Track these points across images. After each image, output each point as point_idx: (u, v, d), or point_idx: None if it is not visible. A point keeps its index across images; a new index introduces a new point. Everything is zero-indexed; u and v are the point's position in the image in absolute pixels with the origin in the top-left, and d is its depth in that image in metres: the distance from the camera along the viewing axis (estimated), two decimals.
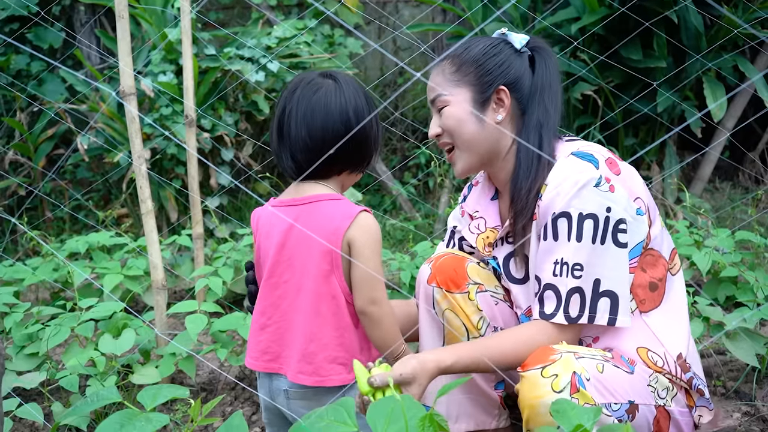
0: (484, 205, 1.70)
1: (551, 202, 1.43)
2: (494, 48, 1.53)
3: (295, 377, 1.38)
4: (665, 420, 1.45)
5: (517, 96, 1.53)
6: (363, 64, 5.30)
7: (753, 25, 3.81)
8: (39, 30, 4.80)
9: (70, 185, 4.71)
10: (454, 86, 1.52)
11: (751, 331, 2.09)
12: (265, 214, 1.44)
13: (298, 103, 1.38)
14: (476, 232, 1.68)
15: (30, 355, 2.15)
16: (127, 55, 2.12)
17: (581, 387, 1.31)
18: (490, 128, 1.52)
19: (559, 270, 1.41)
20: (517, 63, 1.53)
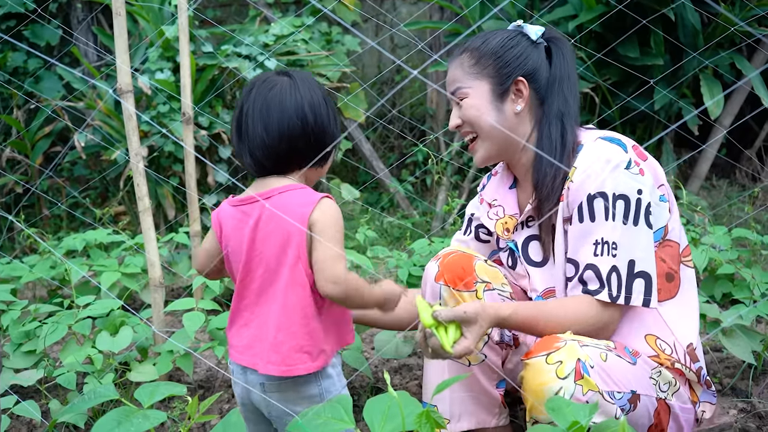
0: (503, 194, 1.73)
1: (582, 183, 1.45)
2: (512, 40, 1.56)
3: (265, 368, 1.37)
4: (665, 413, 1.46)
5: (535, 86, 1.56)
6: (360, 61, 5.30)
7: (750, 23, 3.82)
8: (36, 27, 4.79)
9: (68, 183, 4.71)
10: (474, 79, 1.56)
11: (748, 328, 2.10)
12: (227, 213, 1.45)
13: (254, 102, 1.40)
14: (495, 218, 1.72)
15: (27, 353, 2.15)
16: (124, 52, 2.12)
17: (585, 374, 1.32)
18: (510, 119, 1.56)
19: (600, 250, 1.43)
20: (534, 54, 1.56)
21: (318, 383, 1.41)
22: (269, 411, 1.44)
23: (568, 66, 1.58)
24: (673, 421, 1.48)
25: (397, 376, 2.34)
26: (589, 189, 1.44)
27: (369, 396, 2.18)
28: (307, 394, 1.42)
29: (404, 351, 2.19)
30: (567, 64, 1.58)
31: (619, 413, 1.36)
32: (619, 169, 1.43)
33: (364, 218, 3.56)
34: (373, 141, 5.20)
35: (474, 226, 1.85)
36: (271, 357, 1.37)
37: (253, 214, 1.39)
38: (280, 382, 1.40)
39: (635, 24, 3.31)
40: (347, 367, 2.34)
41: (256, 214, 1.39)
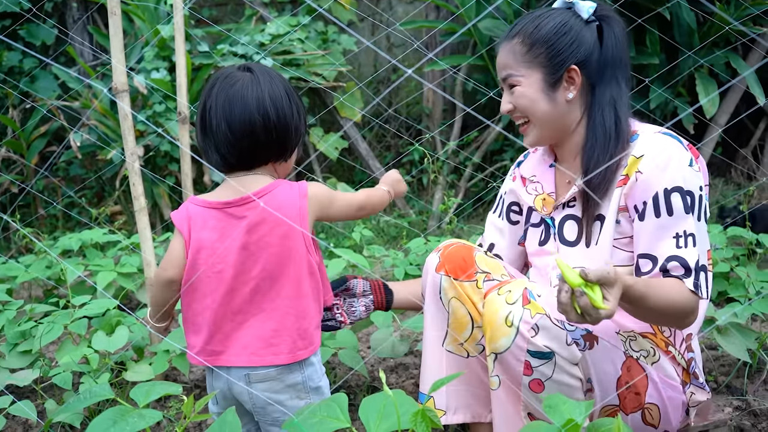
0: (542, 171, 1.71)
1: (654, 176, 1.43)
2: (564, 26, 1.52)
3: (293, 357, 1.41)
4: (638, 371, 1.47)
5: (587, 72, 1.53)
6: (356, 60, 5.30)
7: (745, 22, 3.83)
8: (31, 27, 4.78)
9: (63, 182, 4.70)
10: (526, 67, 1.53)
11: (743, 326, 2.11)
12: (199, 215, 1.43)
13: (217, 98, 1.41)
14: (533, 193, 1.71)
15: (23, 353, 2.14)
16: (119, 51, 2.12)
17: (532, 299, 1.39)
18: (561, 106, 1.54)
19: (684, 242, 1.42)
20: (587, 37, 1.52)
21: (302, 371, 1.44)
22: (253, 402, 1.44)
23: (621, 48, 1.53)
24: (654, 390, 1.49)
25: (393, 375, 2.34)
26: (665, 183, 1.43)
27: (365, 395, 2.18)
28: (292, 382, 1.44)
29: (400, 350, 2.19)
30: (619, 45, 1.53)
31: (574, 346, 1.39)
32: (686, 166, 1.43)
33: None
34: (369, 140, 5.20)
35: (506, 206, 1.83)
36: (299, 344, 1.42)
37: (242, 216, 1.39)
38: (266, 372, 1.42)
39: (631, 23, 3.32)
40: (343, 367, 2.34)
41: (248, 215, 1.39)
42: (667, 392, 1.51)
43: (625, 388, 1.47)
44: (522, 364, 1.39)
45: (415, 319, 2.14)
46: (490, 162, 4.75)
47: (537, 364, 1.38)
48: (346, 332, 2.17)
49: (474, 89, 4.62)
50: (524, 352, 1.38)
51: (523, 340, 1.37)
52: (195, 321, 1.45)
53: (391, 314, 2.18)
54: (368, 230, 3.21)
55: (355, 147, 4.76)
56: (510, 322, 1.39)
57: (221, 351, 1.44)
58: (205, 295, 1.43)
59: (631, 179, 1.47)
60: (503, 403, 1.48)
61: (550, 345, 1.37)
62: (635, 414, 1.50)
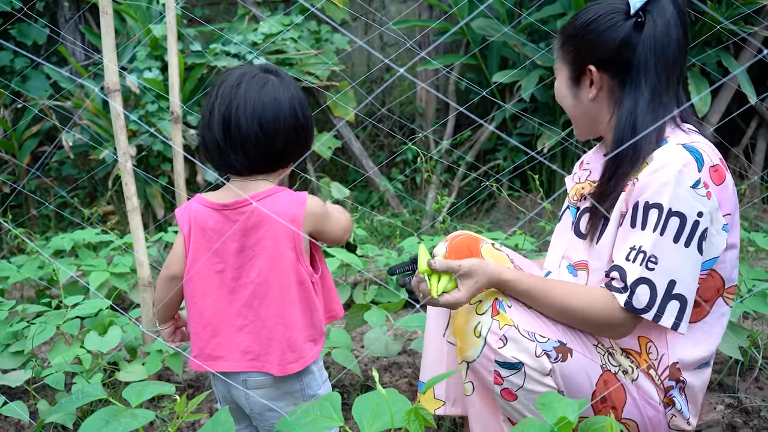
0: (596, 159, 1.67)
1: (644, 186, 1.38)
2: (591, 23, 1.46)
3: (283, 370, 1.40)
4: (615, 387, 1.44)
5: (612, 73, 1.47)
6: (350, 60, 5.30)
7: (736, 21, 3.84)
8: (23, 26, 4.76)
9: (56, 182, 4.69)
10: (559, 61, 1.55)
11: (735, 324, 2.11)
12: (201, 214, 1.43)
13: (246, 98, 1.38)
14: (575, 181, 1.69)
15: (15, 353, 2.14)
16: (111, 51, 2.11)
17: (501, 310, 1.39)
18: (586, 104, 1.53)
19: (634, 256, 1.37)
20: (615, 36, 1.44)
21: (299, 379, 1.44)
22: (251, 408, 1.44)
23: (663, 45, 1.42)
24: (633, 408, 1.46)
25: (386, 374, 2.35)
26: (648, 196, 1.37)
27: (359, 394, 2.18)
28: (289, 389, 1.43)
29: (394, 349, 2.19)
30: (660, 42, 1.42)
31: (544, 357, 1.37)
32: (684, 185, 1.35)
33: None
34: (362, 140, 5.20)
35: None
36: (289, 356, 1.40)
37: (237, 219, 1.39)
38: (263, 379, 1.41)
39: None
40: (336, 366, 2.34)
41: (244, 218, 1.38)
42: (647, 411, 1.47)
43: (598, 399, 1.44)
44: (492, 374, 1.39)
45: (409, 318, 2.14)
46: (483, 161, 4.76)
47: (506, 374, 1.38)
48: (340, 331, 2.17)
49: (467, 88, 4.63)
50: (492, 362, 1.38)
51: (491, 351, 1.37)
52: (197, 322, 1.44)
53: (384, 313, 2.18)
54: (362, 229, 3.21)
55: (348, 146, 4.76)
56: (478, 332, 1.39)
57: (219, 356, 1.43)
58: (207, 294, 1.42)
59: (629, 186, 1.43)
60: (478, 409, 1.49)
61: (519, 356, 1.36)
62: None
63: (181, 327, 1.60)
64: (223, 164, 1.42)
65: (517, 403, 1.39)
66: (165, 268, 1.48)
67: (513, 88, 4.53)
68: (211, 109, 1.40)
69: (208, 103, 1.41)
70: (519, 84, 4.12)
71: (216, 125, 1.39)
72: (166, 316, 1.55)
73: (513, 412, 1.42)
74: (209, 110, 1.40)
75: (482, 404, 1.48)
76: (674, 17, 1.43)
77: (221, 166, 1.43)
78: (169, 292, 1.48)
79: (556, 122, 4.29)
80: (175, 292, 1.48)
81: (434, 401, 1.65)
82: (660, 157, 1.39)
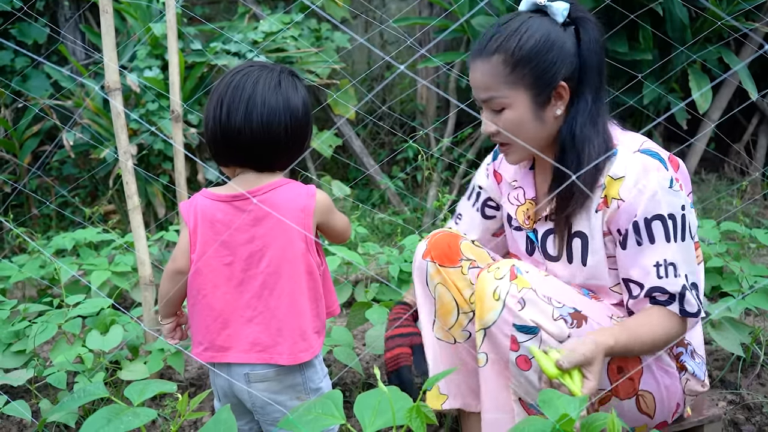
0: (522, 175, 1.67)
1: (634, 204, 1.41)
2: (547, 40, 1.43)
3: (294, 358, 1.41)
4: (633, 360, 1.47)
5: (572, 84, 1.46)
6: (350, 58, 5.30)
7: (737, 17, 3.84)
8: (23, 26, 4.76)
9: (57, 182, 4.69)
10: (510, 89, 1.44)
11: (736, 320, 2.11)
12: (207, 207, 1.43)
13: (264, 95, 1.38)
14: (516, 203, 1.67)
15: (17, 353, 2.14)
16: (111, 50, 2.11)
17: (519, 274, 1.41)
18: (549, 123, 1.48)
19: (664, 271, 1.41)
20: (568, 46, 1.44)
21: (301, 372, 1.44)
22: (253, 402, 1.45)
23: (598, 53, 1.45)
24: (650, 377, 1.49)
25: None
26: (645, 212, 1.41)
27: (360, 392, 2.18)
28: (291, 383, 1.44)
29: None
30: (596, 51, 1.45)
31: (561, 322, 1.38)
32: (666, 190, 1.40)
33: (354, 215, 3.56)
34: (363, 138, 5.19)
35: (482, 201, 1.81)
36: (300, 345, 1.42)
37: (251, 209, 1.39)
38: (265, 372, 1.42)
39: (623, 19, 3.32)
40: (338, 364, 2.34)
41: (254, 208, 1.39)
42: (665, 380, 1.51)
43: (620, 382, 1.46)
44: (509, 338, 1.38)
45: None
46: (484, 158, 4.75)
47: (523, 339, 1.37)
48: (342, 329, 2.17)
49: (468, 86, 4.61)
50: (510, 326, 1.38)
51: (509, 314, 1.37)
52: (207, 314, 1.44)
53: (385, 311, 2.18)
54: (363, 227, 3.21)
55: (349, 144, 4.76)
56: (497, 295, 1.39)
57: (228, 347, 1.43)
58: (216, 286, 1.42)
59: (612, 205, 1.44)
60: (490, 382, 1.47)
61: (536, 319, 1.36)
62: (629, 401, 1.49)
63: (182, 324, 1.60)
64: (231, 158, 1.43)
65: (531, 373, 1.39)
66: (171, 262, 1.48)
67: None
68: (219, 103, 1.39)
69: (216, 96, 1.40)
70: None
71: (235, 119, 1.38)
72: (170, 311, 1.55)
73: (526, 385, 1.40)
74: (218, 104, 1.39)
75: (495, 376, 1.46)
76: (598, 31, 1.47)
77: (228, 160, 1.44)
78: (175, 286, 1.49)
79: None
80: (180, 286, 1.48)
81: (439, 396, 1.66)
82: (633, 172, 1.42)
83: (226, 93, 1.39)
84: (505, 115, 1.47)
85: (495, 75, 1.44)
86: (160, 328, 1.59)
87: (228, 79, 1.41)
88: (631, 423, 1.54)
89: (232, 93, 1.38)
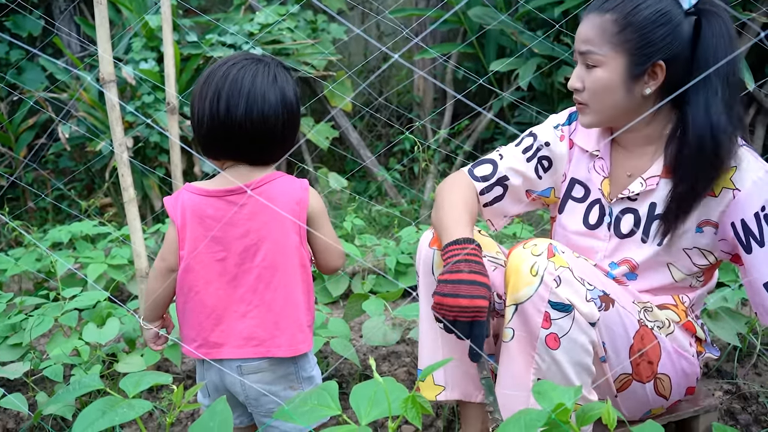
0: (604, 149, 1.63)
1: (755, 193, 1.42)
2: (663, 15, 1.41)
3: (294, 350, 1.42)
4: (650, 340, 1.49)
5: (672, 70, 1.44)
6: (346, 49, 5.28)
7: (734, 7, 3.83)
8: (17, 18, 4.74)
9: (53, 175, 4.68)
10: (612, 49, 1.43)
11: (733, 310, 2.12)
12: (196, 203, 1.41)
13: (263, 87, 1.37)
14: (601, 174, 1.63)
15: (13, 346, 2.14)
16: (106, 41, 2.10)
17: (556, 253, 1.41)
18: (636, 99, 1.47)
19: None
20: (682, 32, 1.41)
21: (294, 362, 1.44)
22: (246, 394, 1.44)
23: (719, 48, 1.40)
24: (667, 361, 1.52)
25: (385, 363, 2.35)
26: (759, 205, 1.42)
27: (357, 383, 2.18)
28: (284, 372, 1.44)
29: (392, 338, 2.19)
30: (717, 45, 1.40)
31: (592, 304, 1.40)
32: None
33: (351, 207, 3.56)
34: (360, 129, 5.19)
35: (540, 157, 1.70)
36: (299, 337, 1.43)
37: (244, 203, 1.39)
38: (258, 364, 1.42)
39: None
40: (335, 355, 2.34)
41: (249, 202, 1.38)
42: (681, 363, 1.54)
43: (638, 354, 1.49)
44: (542, 315, 1.38)
45: (407, 308, 2.14)
46: (481, 150, 4.75)
47: (557, 316, 1.37)
48: (338, 321, 2.17)
49: (464, 77, 4.61)
50: (545, 302, 1.37)
51: (546, 290, 1.37)
52: (199, 312, 1.43)
53: (382, 303, 2.18)
54: (359, 219, 3.21)
55: (345, 136, 4.75)
56: (535, 271, 1.39)
57: (222, 343, 1.42)
58: (209, 283, 1.41)
59: (724, 195, 1.44)
60: (513, 357, 1.45)
61: (571, 298, 1.37)
62: (649, 383, 1.52)
63: (166, 327, 1.59)
64: (227, 152, 1.41)
65: (558, 353, 1.38)
66: (160, 260, 1.45)
67: (510, 76, 4.52)
68: (216, 96, 1.36)
69: (212, 89, 1.37)
70: (516, 72, 4.11)
71: (217, 113, 1.36)
72: (157, 314, 1.53)
73: (550, 363, 1.40)
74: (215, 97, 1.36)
75: (518, 353, 1.44)
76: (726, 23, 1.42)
77: (222, 154, 1.42)
78: (168, 288, 1.47)
79: (553, 111, 4.28)
80: (168, 285, 1.47)
81: (434, 387, 1.65)
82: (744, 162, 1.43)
83: (223, 86, 1.36)
84: (596, 73, 1.46)
85: (603, 31, 1.43)
86: (143, 330, 1.56)
87: (223, 71, 1.38)
88: (648, 406, 1.58)
89: (230, 87, 1.36)
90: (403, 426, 1.96)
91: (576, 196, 1.67)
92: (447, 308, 1.36)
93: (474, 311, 1.35)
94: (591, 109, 1.51)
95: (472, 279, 1.37)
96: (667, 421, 1.68)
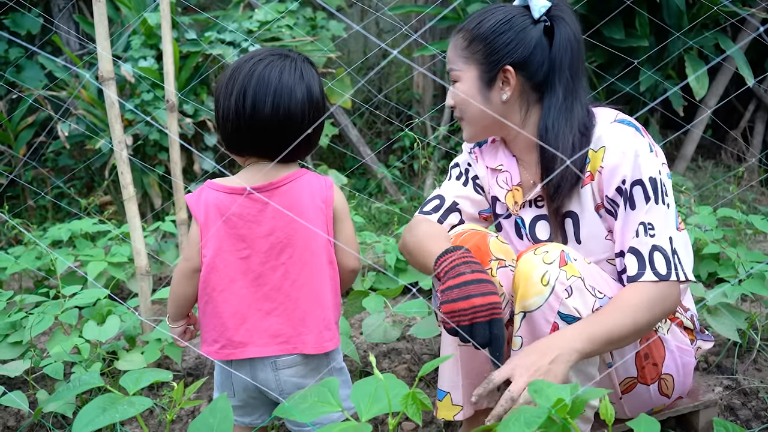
0: (507, 162, 1.68)
1: (616, 168, 1.44)
2: (505, 24, 1.49)
3: (320, 348, 1.41)
4: (658, 346, 1.51)
5: (526, 74, 1.50)
6: (346, 46, 5.27)
7: (734, 2, 3.82)
8: (16, 16, 4.73)
9: (52, 173, 4.67)
10: (464, 62, 1.52)
11: (733, 306, 2.12)
12: (221, 201, 1.39)
13: (291, 84, 1.36)
14: (505, 187, 1.68)
15: (14, 344, 2.14)
16: (104, 39, 2.10)
17: (569, 261, 1.40)
18: (497, 106, 1.52)
19: (641, 232, 1.43)
20: (528, 38, 1.48)
21: (326, 354, 1.45)
22: (281, 389, 1.43)
23: (571, 49, 1.49)
24: (671, 361, 1.53)
25: (386, 360, 2.35)
26: (625, 176, 1.43)
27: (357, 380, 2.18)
28: (317, 365, 1.44)
29: (392, 335, 2.19)
30: (569, 46, 1.48)
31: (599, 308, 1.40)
32: (645, 154, 1.43)
33: (351, 204, 3.56)
34: (359, 127, 5.18)
35: (471, 178, 1.77)
36: (326, 335, 1.42)
37: (275, 201, 1.37)
38: (293, 358, 1.41)
39: (620, 5, 3.31)
40: None
41: (275, 200, 1.37)
42: (683, 359, 1.55)
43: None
44: (550, 325, 1.38)
45: (407, 304, 2.14)
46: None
47: (564, 327, 1.37)
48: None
49: None
50: (555, 313, 1.37)
51: (556, 301, 1.37)
52: (223, 310, 1.41)
53: (382, 299, 2.18)
54: (360, 216, 3.21)
55: (345, 133, 4.74)
56: (546, 281, 1.38)
57: (247, 342, 1.41)
58: (233, 281, 1.40)
59: (597, 176, 1.47)
60: None
61: (580, 309, 1.37)
62: (653, 384, 1.54)
63: (192, 324, 1.57)
64: (252, 148, 1.40)
65: None
66: (186, 261, 1.43)
67: None
68: (243, 93, 1.34)
69: (238, 86, 1.35)
70: None
71: (241, 110, 1.35)
72: (183, 312, 1.51)
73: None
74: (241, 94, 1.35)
75: None
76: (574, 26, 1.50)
77: (247, 151, 1.41)
78: (193, 289, 1.45)
79: None
80: (195, 285, 1.44)
81: (452, 407, 1.61)
82: (612, 141, 1.46)
83: (249, 83, 1.34)
84: (459, 87, 1.54)
85: (455, 48, 1.54)
86: (171, 330, 1.55)
87: (248, 68, 1.36)
88: (651, 405, 1.59)
89: (257, 83, 1.34)
90: (403, 423, 1.96)
91: (500, 212, 1.72)
92: (461, 312, 1.31)
93: (490, 308, 1.31)
94: (465, 122, 1.59)
95: (478, 278, 1.33)
96: (667, 416, 1.68)
